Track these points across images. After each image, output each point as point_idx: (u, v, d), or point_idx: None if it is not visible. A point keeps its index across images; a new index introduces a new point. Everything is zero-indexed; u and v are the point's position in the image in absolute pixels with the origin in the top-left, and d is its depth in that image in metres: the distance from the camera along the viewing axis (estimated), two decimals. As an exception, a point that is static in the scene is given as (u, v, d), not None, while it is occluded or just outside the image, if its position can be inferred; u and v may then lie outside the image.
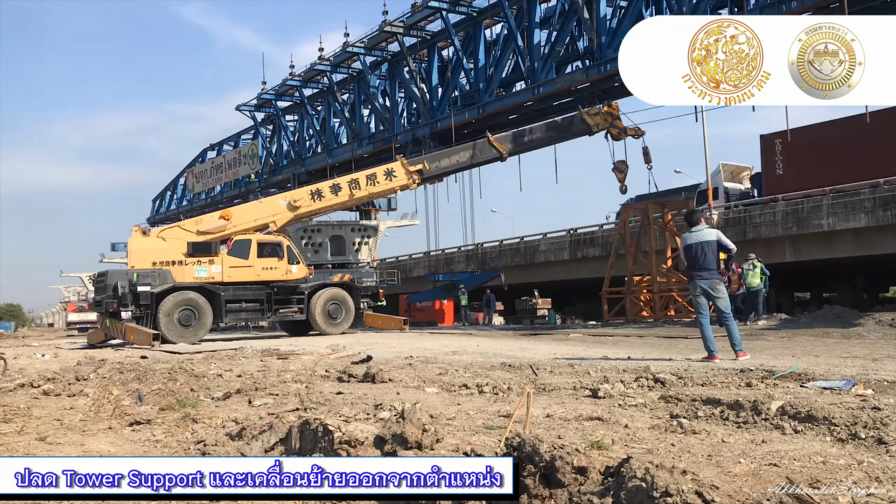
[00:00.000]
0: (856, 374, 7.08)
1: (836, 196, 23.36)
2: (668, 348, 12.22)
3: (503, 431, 3.86)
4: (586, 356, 10.63)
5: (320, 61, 35.33)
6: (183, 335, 19.05)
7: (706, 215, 22.52)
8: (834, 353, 10.11)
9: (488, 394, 6.59)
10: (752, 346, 12.22)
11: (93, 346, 20.48)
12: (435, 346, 14.42)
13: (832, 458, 3.67)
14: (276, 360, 11.23)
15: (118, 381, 8.25)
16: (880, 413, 4.53)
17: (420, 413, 4.05)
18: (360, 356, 10.58)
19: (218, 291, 20.41)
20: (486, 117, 30.22)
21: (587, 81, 26.33)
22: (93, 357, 12.26)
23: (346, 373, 8.31)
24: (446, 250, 42.74)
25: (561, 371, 8.41)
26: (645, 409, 5.43)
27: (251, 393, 6.89)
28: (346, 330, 22.46)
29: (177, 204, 56.27)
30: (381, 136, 35.25)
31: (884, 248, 22.50)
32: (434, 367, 9.22)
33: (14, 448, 4.93)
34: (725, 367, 8.30)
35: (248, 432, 4.77)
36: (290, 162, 41.58)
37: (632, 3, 24.06)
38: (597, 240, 31.55)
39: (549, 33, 28.18)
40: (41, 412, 6.43)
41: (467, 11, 29.57)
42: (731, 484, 3.06)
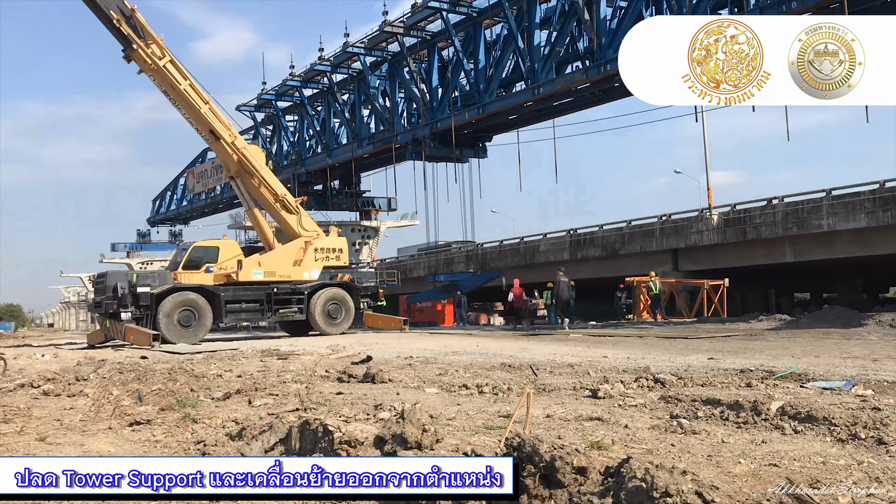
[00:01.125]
0: (856, 375, 7.08)
1: (836, 196, 23.38)
2: (667, 348, 12.22)
3: (503, 432, 3.86)
4: (586, 356, 10.63)
5: (320, 61, 35.34)
6: (183, 336, 19.04)
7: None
8: (834, 353, 10.11)
9: (488, 394, 6.59)
10: (752, 346, 12.23)
11: (93, 346, 20.48)
12: (435, 346, 14.42)
13: (832, 458, 3.67)
14: (276, 360, 11.23)
15: (118, 382, 8.25)
16: (880, 413, 4.54)
17: (420, 413, 4.05)
18: (360, 356, 10.58)
19: (217, 292, 20.42)
20: (487, 117, 30.24)
21: (587, 81, 26.36)
22: (93, 357, 12.26)
23: (346, 373, 8.31)
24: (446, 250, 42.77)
25: (561, 371, 8.42)
26: (645, 409, 5.44)
27: (251, 393, 6.88)
28: (346, 330, 22.45)
29: (177, 204, 56.31)
30: (381, 136, 35.28)
31: (884, 249, 22.50)
32: (434, 367, 9.23)
33: (14, 448, 4.93)
34: (725, 367, 8.31)
35: (248, 432, 4.77)
36: (291, 162, 41.58)
37: (632, 4, 24.07)
38: (597, 240, 31.57)
39: (549, 33, 28.20)
40: (41, 412, 6.43)
41: (467, 12, 29.59)
42: (731, 484, 3.06)
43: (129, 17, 19.82)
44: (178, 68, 20.74)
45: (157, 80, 20.85)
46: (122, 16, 19.72)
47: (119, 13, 19.68)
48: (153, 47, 20.14)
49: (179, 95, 20.88)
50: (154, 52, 20.13)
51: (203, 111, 21.08)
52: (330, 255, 22.79)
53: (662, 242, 28.50)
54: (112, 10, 19.64)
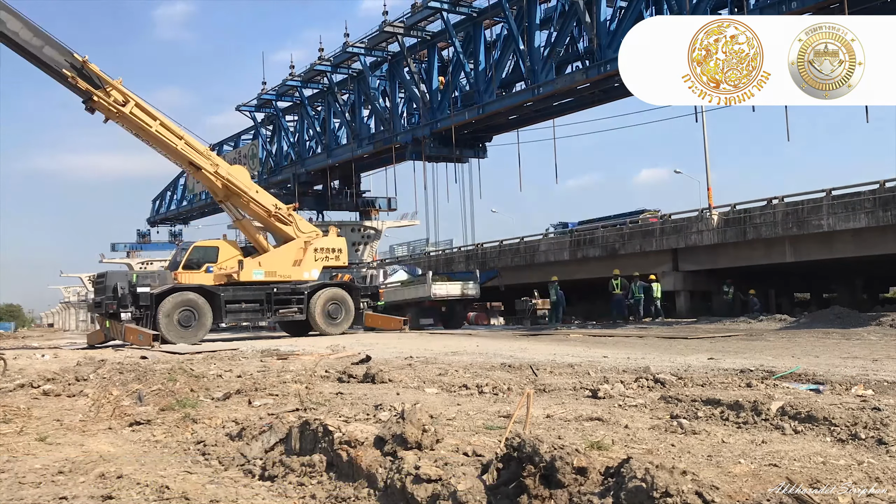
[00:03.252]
0: (856, 375, 7.09)
1: (836, 196, 23.37)
2: (667, 349, 12.22)
3: (503, 432, 3.86)
4: (586, 356, 10.62)
5: (320, 62, 35.34)
6: (183, 336, 19.04)
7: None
8: (834, 353, 10.11)
9: (488, 394, 6.59)
10: (753, 346, 12.23)
11: (93, 346, 20.47)
12: (435, 346, 14.41)
13: (832, 458, 3.67)
14: (276, 360, 11.23)
15: (118, 382, 8.24)
16: (880, 413, 4.54)
17: (420, 413, 4.05)
18: (360, 356, 10.58)
19: (217, 292, 20.41)
20: (487, 117, 30.24)
21: (587, 82, 26.35)
22: (92, 357, 12.25)
23: (346, 373, 8.31)
24: (446, 250, 42.76)
25: (561, 371, 8.41)
26: (645, 409, 5.43)
27: (251, 393, 6.88)
28: (346, 330, 22.44)
29: (177, 204, 56.29)
30: (381, 136, 35.28)
31: (884, 249, 22.46)
32: (434, 367, 9.23)
33: (14, 448, 4.93)
34: (725, 367, 8.31)
35: (248, 432, 4.77)
36: (290, 162, 41.58)
37: (632, 4, 24.06)
38: (597, 240, 31.55)
39: (549, 34, 28.19)
40: (41, 412, 6.43)
41: (467, 12, 29.58)
42: (732, 484, 3.06)
43: (81, 70, 18.84)
44: (144, 110, 19.85)
45: (126, 126, 20.12)
46: (75, 70, 18.76)
47: (71, 69, 18.73)
48: (114, 94, 19.22)
49: (152, 137, 20.23)
50: (116, 100, 19.24)
51: (179, 147, 20.40)
52: (329, 255, 22.78)
53: (662, 242, 28.47)
54: (64, 68, 18.66)
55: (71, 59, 18.88)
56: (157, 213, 59.71)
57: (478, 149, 34.98)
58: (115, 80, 19.37)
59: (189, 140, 20.85)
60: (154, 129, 20.01)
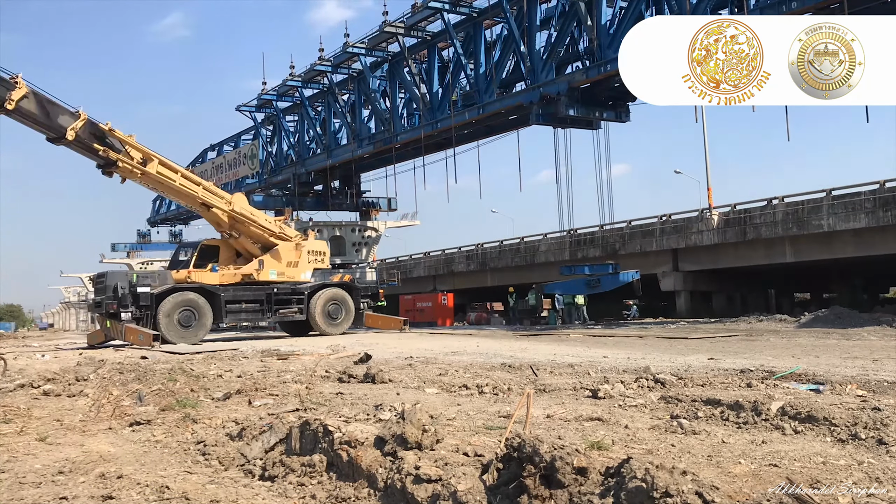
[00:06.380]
0: (856, 375, 7.08)
1: (836, 196, 23.37)
2: (667, 349, 12.22)
3: (503, 432, 3.86)
4: (586, 356, 10.62)
5: (321, 62, 35.33)
6: (183, 336, 19.04)
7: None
8: (834, 353, 10.11)
9: (488, 394, 6.59)
10: (753, 346, 12.23)
11: (93, 346, 20.47)
12: (435, 346, 14.41)
13: (832, 458, 3.67)
14: (276, 360, 11.23)
15: (118, 382, 8.24)
16: (880, 414, 4.53)
17: (420, 413, 4.05)
18: (360, 356, 10.58)
19: (217, 292, 20.41)
20: (487, 118, 30.21)
21: (587, 82, 26.29)
22: (93, 358, 12.25)
23: (347, 373, 8.31)
24: (446, 250, 42.74)
25: (561, 371, 8.41)
26: (645, 409, 5.43)
27: (251, 393, 6.88)
28: (346, 330, 22.46)
29: (177, 204, 56.23)
30: (381, 136, 35.25)
31: (884, 249, 22.48)
32: (434, 367, 9.22)
33: (14, 448, 4.93)
34: (725, 367, 8.30)
35: (249, 432, 4.77)
36: (291, 162, 41.56)
37: (632, 4, 24.04)
38: (597, 240, 31.54)
39: (549, 34, 28.15)
40: (41, 412, 6.43)
41: (467, 12, 29.55)
42: (732, 484, 3.06)
43: (104, 138, 18.20)
44: (166, 165, 19.46)
45: (144, 183, 19.65)
46: (101, 140, 18.09)
47: (100, 142, 18.09)
48: (133, 153, 18.67)
49: (173, 190, 20.08)
50: (137, 160, 18.72)
51: (200, 194, 20.23)
52: (317, 257, 22.92)
53: (662, 242, 28.48)
54: (94, 143, 18.04)
55: (97, 130, 18.20)
56: (157, 213, 59.62)
57: (619, 111, 27.61)
58: (129, 137, 18.72)
59: (206, 185, 20.89)
60: (178, 182, 19.77)
